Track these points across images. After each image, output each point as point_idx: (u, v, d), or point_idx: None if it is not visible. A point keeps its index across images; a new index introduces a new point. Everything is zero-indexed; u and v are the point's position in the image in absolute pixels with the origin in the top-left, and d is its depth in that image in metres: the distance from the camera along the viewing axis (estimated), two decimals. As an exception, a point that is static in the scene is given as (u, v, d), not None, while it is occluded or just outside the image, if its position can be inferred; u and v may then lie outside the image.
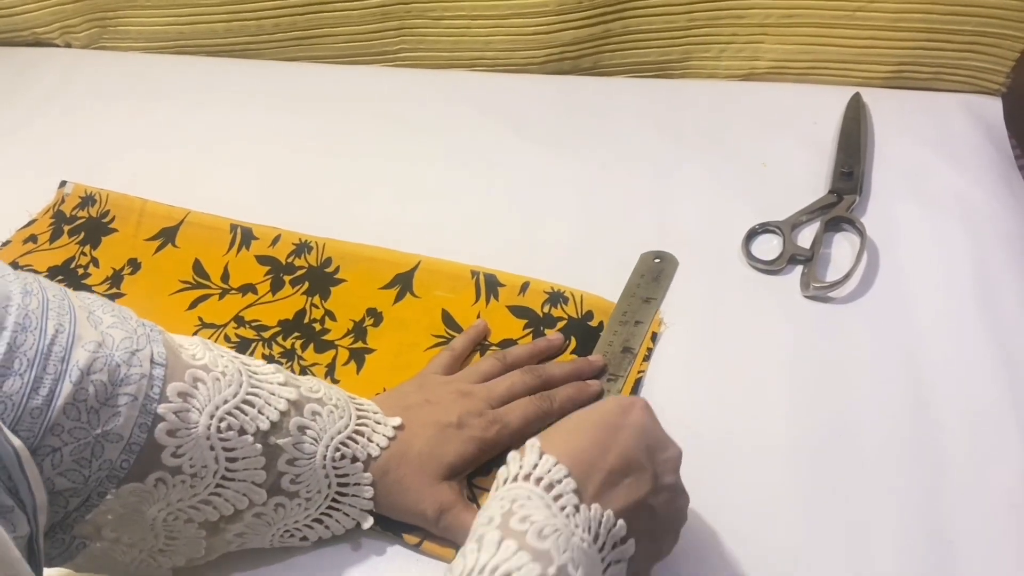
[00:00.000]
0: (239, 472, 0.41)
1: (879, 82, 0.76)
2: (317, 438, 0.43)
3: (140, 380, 0.38)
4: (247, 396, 0.41)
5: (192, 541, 0.42)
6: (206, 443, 0.39)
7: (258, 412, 0.41)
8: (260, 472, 0.41)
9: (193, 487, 0.40)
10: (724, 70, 0.79)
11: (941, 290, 0.59)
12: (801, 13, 0.74)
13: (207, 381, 0.40)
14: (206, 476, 0.40)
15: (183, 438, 0.39)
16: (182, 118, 0.80)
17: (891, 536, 0.47)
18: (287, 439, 0.42)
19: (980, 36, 0.72)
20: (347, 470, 0.44)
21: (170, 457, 0.39)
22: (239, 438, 0.40)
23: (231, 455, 0.40)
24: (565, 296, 0.59)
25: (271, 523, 0.44)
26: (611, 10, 0.76)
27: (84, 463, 0.36)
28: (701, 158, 0.71)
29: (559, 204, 0.68)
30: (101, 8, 0.85)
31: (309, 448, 0.43)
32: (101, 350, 0.37)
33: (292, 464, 0.42)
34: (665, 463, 0.41)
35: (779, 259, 0.62)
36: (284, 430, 0.42)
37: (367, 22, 0.81)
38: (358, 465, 0.44)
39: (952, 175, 0.67)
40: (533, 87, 0.80)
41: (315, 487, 0.43)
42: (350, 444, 0.44)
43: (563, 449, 0.37)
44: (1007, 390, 0.53)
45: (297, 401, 0.43)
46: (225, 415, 0.40)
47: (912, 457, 0.50)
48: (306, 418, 0.43)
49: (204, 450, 0.39)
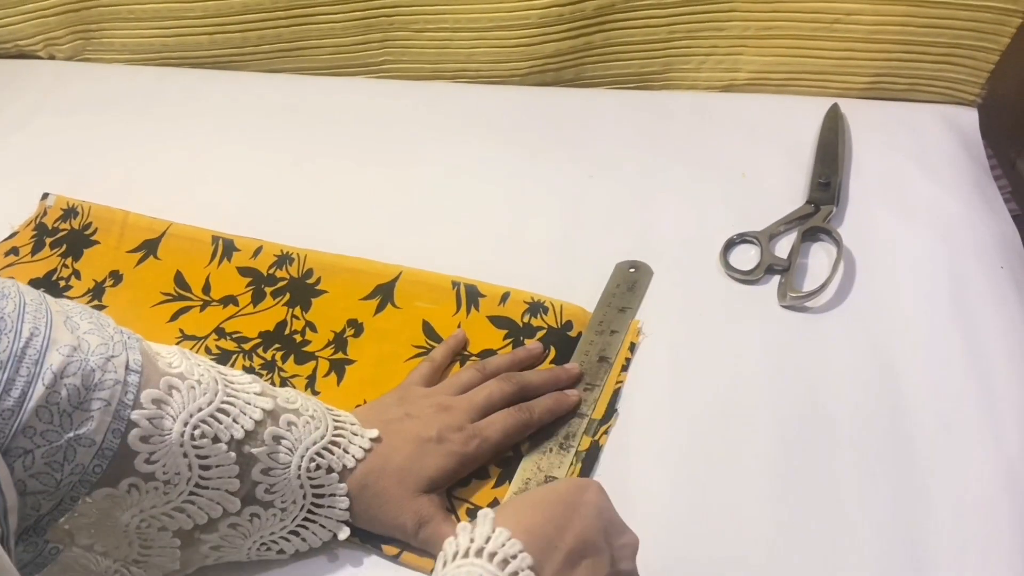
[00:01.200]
0: (212, 480, 0.41)
1: (856, 93, 0.77)
2: (292, 448, 0.43)
3: (114, 386, 0.38)
4: (222, 405, 0.41)
5: (166, 551, 0.42)
6: (179, 450, 0.40)
7: (233, 421, 0.41)
8: (234, 480, 0.42)
9: (166, 494, 0.40)
10: (704, 81, 0.80)
11: (917, 299, 0.60)
12: (780, 25, 0.75)
13: (182, 389, 0.41)
14: (179, 483, 0.40)
15: (156, 444, 0.39)
16: (166, 130, 0.80)
17: (868, 542, 0.48)
18: (261, 448, 0.42)
19: (955, 48, 0.73)
20: (322, 481, 0.44)
21: (143, 463, 0.39)
22: (213, 446, 0.41)
23: (204, 463, 0.40)
24: (545, 306, 0.60)
25: (247, 534, 0.44)
26: (592, 23, 0.77)
27: (56, 466, 0.36)
28: (681, 169, 0.71)
29: (540, 214, 0.68)
30: (85, 20, 0.86)
31: (284, 458, 0.43)
32: (76, 354, 0.37)
33: (267, 474, 0.43)
34: (622, 548, 0.39)
35: (757, 269, 0.62)
36: (259, 439, 0.42)
37: (351, 34, 0.82)
38: (333, 476, 0.45)
39: (928, 185, 0.68)
40: (516, 99, 0.80)
41: (290, 497, 0.44)
42: (326, 455, 0.44)
43: (519, 524, 0.35)
44: (982, 397, 0.54)
45: (273, 411, 0.43)
46: (199, 423, 0.40)
47: (888, 464, 0.51)
48: (281, 428, 0.43)
49: (177, 457, 0.40)
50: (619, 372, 0.56)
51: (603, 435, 0.53)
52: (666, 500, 0.50)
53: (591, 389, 0.55)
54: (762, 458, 0.52)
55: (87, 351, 0.38)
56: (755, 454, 0.52)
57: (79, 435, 0.37)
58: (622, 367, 0.56)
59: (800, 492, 0.50)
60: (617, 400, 0.55)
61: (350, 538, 0.47)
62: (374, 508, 0.46)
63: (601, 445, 0.52)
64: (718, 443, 0.53)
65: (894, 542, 0.48)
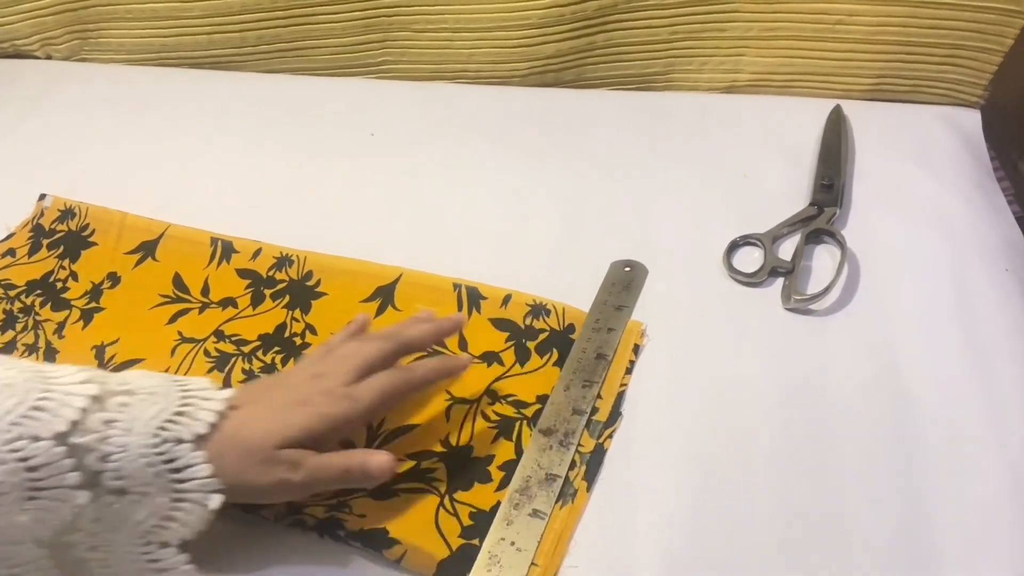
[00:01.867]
0: (46, 479, 0.39)
1: (859, 95, 0.77)
2: (129, 428, 0.41)
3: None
4: (37, 403, 0.39)
5: (38, 565, 0.41)
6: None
7: (52, 416, 0.39)
8: (71, 475, 0.39)
9: None
10: (706, 83, 0.80)
11: (922, 301, 0.60)
12: (782, 27, 0.75)
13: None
14: (8, 491, 0.38)
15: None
16: (164, 131, 0.79)
17: (873, 542, 0.47)
18: (91, 436, 0.40)
19: (958, 50, 0.73)
20: (173, 453, 0.41)
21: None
22: (34, 445, 0.39)
23: (30, 464, 0.38)
24: (547, 308, 0.59)
25: (115, 528, 0.41)
26: (594, 23, 0.77)
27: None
28: (683, 170, 0.71)
29: (542, 216, 0.68)
30: (82, 20, 0.85)
31: (119, 440, 0.40)
32: None
33: (105, 460, 0.40)
34: None
35: (760, 271, 0.62)
36: (86, 428, 0.40)
37: (350, 34, 0.81)
38: (185, 447, 0.41)
39: (932, 187, 0.68)
40: (516, 100, 0.80)
41: (142, 479, 0.41)
42: (170, 427, 0.41)
43: None
44: (986, 399, 0.54)
45: (99, 396, 0.41)
46: (11, 425, 0.38)
47: (893, 465, 0.51)
48: (111, 412, 0.41)
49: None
50: (623, 375, 0.55)
51: (607, 438, 0.52)
52: (670, 503, 0.49)
53: (589, 386, 0.54)
54: (767, 460, 0.51)
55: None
56: (759, 456, 0.52)
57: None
58: (626, 370, 0.56)
59: (805, 493, 0.50)
60: (621, 403, 0.54)
61: (351, 543, 0.47)
62: (241, 474, 0.43)
63: (606, 448, 0.52)
64: (722, 445, 0.52)
65: (899, 543, 0.47)
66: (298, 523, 0.48)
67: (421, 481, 0.51)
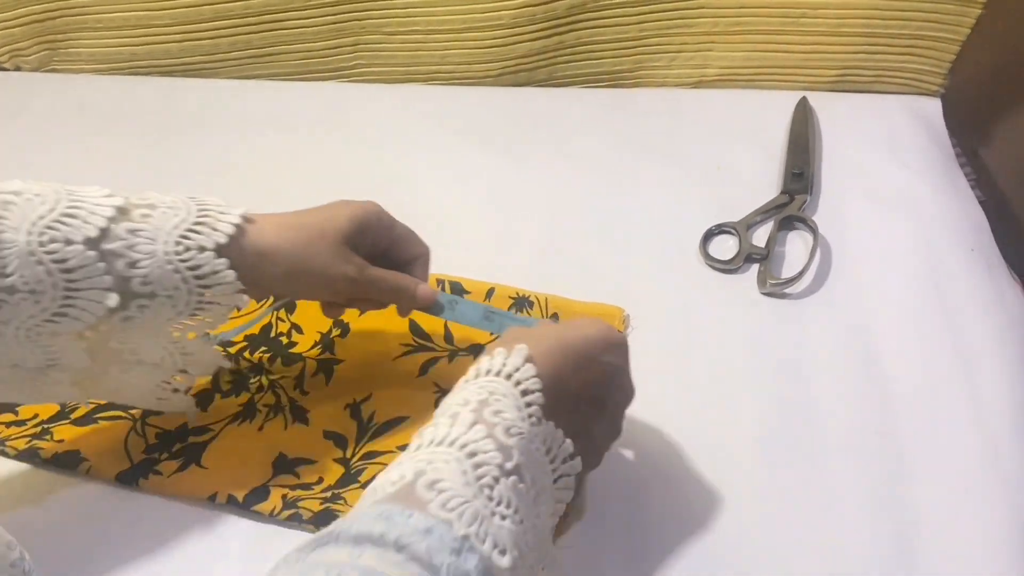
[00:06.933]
0: (80, 281, 0.42)
1: (824, 86, 0.79)
2: (153, 237, 0.44)
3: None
4: (67, 210, 0.42)
5: (71, 352, 0.44)
6: (31, 259, 0.41)
7: (83, 222, 0.42)
8: (104, 278, 0.42)
9: (38, 302, 0.42)
10: (675, 78, 0.81)
11: (891, 281, 0.61)
12: (748, 21, 0.77)
13: (18, 203, 0.42)
14: (46, 290, 0.41)
15: (5, 257, 0.40)
16: (137, 140, 0.79)
17: (854, 519, 0.49)
18: (119, 243, 0.43)
19: (918, 40, 0.75)
20: (198, 260, 0.44)
21: None
22: (67, 248, 0.41)
23: (64, 266, 0.41)
24: (530, 300, 0.60)
25: (144, 323, 0.45)
26: (563, 22, 0.78)
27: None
28: (656, 164, 0.72)
29: (519, 212, 0.69)
30: (51, 31, 0.85)
31: (146, 247, 0.43)
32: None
33: (134, 267, 0.43)
34: (619, 404, 0.45)
35: (736, 258, 0.63)
36: (114, 235, 0.43)
37: (322, 39, 0.82)
38: (208, 254, 0.45)
39: (897, 173, 0.70)
40: (490, 99, 0.81)
41: (169, 283, 0.44)
42: (192, 236, 0.45)
43: (544, 363, 0.40)
44: (960, 374, 0.55)
45: (124, 207, 0.44)
46: (45, 229, 0.41)
47: (870, 443, 0.52)
48: (136, 222, 0.44)
49: (32, 265, 0.41)
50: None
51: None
52: (650, 489, 0.51)
53: None
54: (746, 442, 0.53)
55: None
56: (739, 438, 0.53)
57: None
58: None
59: (785, 474, 0.51)
60: (606, 389, 0.55)
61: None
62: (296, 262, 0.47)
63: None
64: (703, 428, 0.53)
65: (880, 519, 0.49)
66: (295, 517, 0.49)
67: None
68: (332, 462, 0.52)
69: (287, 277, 0.48)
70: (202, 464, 0.52)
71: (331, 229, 0.49)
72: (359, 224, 0.50)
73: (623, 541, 0.48)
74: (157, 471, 0.51)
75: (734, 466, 0.52)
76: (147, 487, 0.51)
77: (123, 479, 0.51)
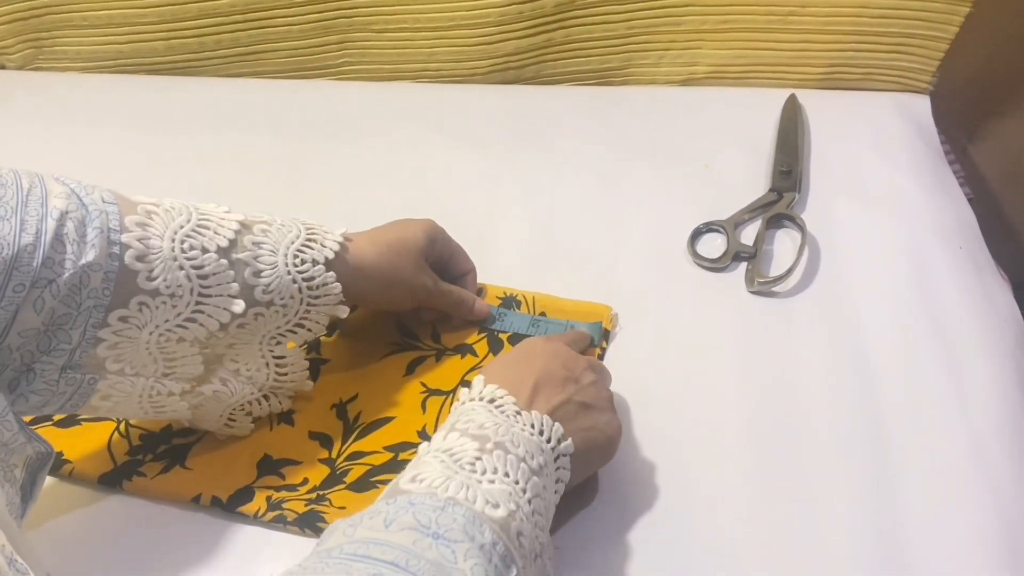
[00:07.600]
0: (212, 287, 0.45)
1: (813, 83, 0.79)
2: (274, 250, 0.48)
3: (100, 216, 0.42)
4: (199, 222, 0.45)
5: (189, 359, 0.47)
6: (174, 264, 0.44)
7: (213, 233, 0.46)
8: (232, 285, 0.46)
9: (175, 306, 0.44)
10: (664, 76, 0.81)
11: (879, 279, 0.61)
12: (736, 19, 0.76)
13: (159, 213, 0.45)
14: (183, 295, 0.44)
15: (152, 262, 0.43)
16: (123, 138, 0.79)
17: (840, 516, 0.48)
18: (246, 253, 0.46)
19: (907, 38, 0.75)
20: (312, 273, 0.48)
21: (145, 281, 0.43)
22: (204, 256, 0.45)
23: (200, 272, 0.45)
24: (518, 300, 0.60)
25: (254, 332, 0.48)
26: (552, 20, 0.78)
27: (75, 290, 0.41)
28: (645, 162, 0.72)
29: (507, 210, 0.69)
30: (36, 28, 0.84)
31: (269, 259, 0.47)
32: (72, 197, 0.42)
33: (258, 276, 0.47)
34: (588, 386, 0.48)
35: (724, 256, 0.63)
36: (241, 246, 0.46)
37: (309, 36, 0.81)
38: (320, 267, 0.49)
39: (886, 170, 0.70)
40: (477, 97, 0.81)
41: (287, 293, 0.48)
42: (307, 250, 0.49)
43: (499, 377, 0.46)
44: (947, 371, 0.55)
45: (245, 222, 0.47)
46: (185, 237, 0.44)
47: (858, 440, 0.52)
48: (258, 235, 0.47)
49: (174, 270, 0.44)
50: (594, 361, 0.56)
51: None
52: (638, 486, 0.50)
53: None
54: (734, 440, 0.52)
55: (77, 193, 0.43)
56: (728, 436, 0.53)
57: (88, 263, 0.41)
58: (597, 355, 0.56)
59: (772, 471, 0.51)
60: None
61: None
62: (389, 274, 0.53)
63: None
64: (691, 426, 0.53)
65: (866, 515, 0.48)
66: (279, 519, 0.48)
67: (399, 472, 0.51)
68: (317, 462, 0.52)
69: (380, 289, 0.53)
70: (186, 465, 0.52)
71: (412, 245, 0.54)
72: (430, 239, 0.56)
73: (608, 540, 0.48)
74: (141, 473, 0.51)
75: (721, 464, 0.51)
76: (131, 489, 0.51)
77: (106, 481, 0.51)
